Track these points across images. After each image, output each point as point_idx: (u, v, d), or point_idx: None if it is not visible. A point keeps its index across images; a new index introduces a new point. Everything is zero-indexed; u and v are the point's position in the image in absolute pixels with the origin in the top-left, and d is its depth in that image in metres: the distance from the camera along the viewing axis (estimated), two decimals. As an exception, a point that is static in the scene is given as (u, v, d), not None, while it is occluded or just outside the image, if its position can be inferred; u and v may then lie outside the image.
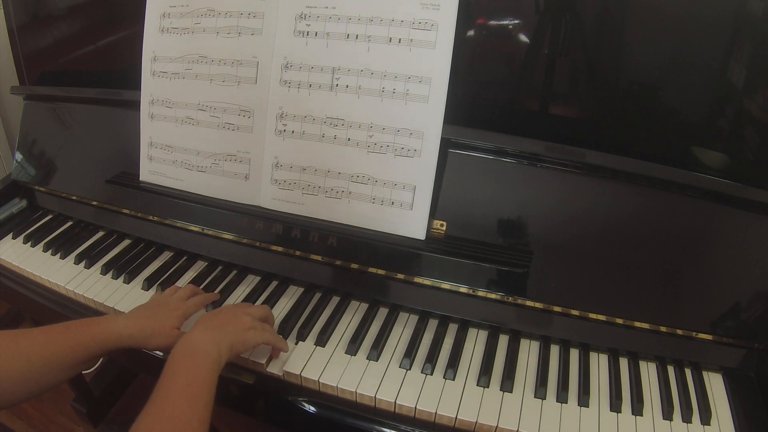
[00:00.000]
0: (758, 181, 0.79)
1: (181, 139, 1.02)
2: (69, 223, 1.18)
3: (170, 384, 0.66)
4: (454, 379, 0.80)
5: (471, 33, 0.88)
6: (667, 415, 0.76)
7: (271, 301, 0.94)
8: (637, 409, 0.77)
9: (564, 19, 0.84)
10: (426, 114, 0.85)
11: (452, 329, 0.89)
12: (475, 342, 0.87)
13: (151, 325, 0.79)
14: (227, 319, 0.78)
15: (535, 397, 0.78)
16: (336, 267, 0.93)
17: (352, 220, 0.92)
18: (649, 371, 0.83)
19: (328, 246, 0.92)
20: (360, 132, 0.89)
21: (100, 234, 1.14)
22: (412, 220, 0.88)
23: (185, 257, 1.06)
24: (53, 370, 0.71)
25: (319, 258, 0.94)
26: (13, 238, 1.14)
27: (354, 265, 0.92)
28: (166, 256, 1.07)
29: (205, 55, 0.97)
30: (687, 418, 0.76)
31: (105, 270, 1.02)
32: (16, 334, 0.71)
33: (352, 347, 0.85)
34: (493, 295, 0.86)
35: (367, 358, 0.84)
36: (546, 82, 0.89)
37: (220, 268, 1.03)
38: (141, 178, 1.07)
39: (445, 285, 0.88)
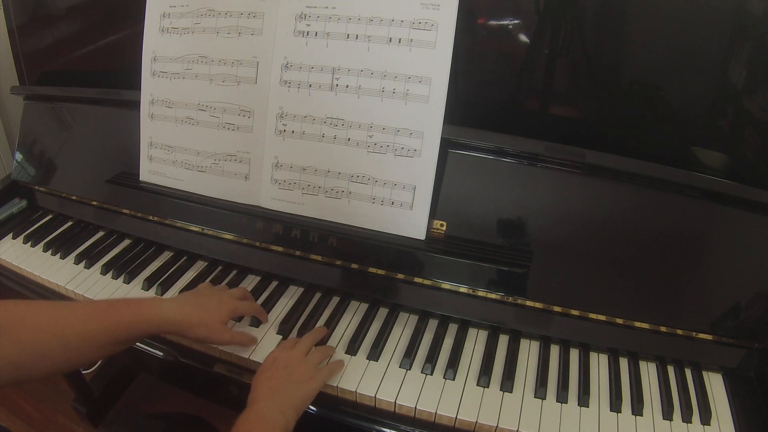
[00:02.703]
0: (758, 181, 0.79)
1: (181, 139, 1.02)
2: (69, 223, 1.18)
3: None
4: (454, 379, 0.80)
5: (471, 33, 0.88)
6: (667, 415, 0.76)
7: (271, 301, 0.94)
8: (637, 409, 0.77)
9: (564, 19, 0.84)
10: (426, 114, 0.85)
11: (452, 329, 0.89)
12: (475, 342, 0.87)
13: (198, 314, 0.77)
14: (286, 374, 0.74)
15: (535, 397, 0.78)
16: (336, 267, 0.93)
17: (352, 220, 0.92)
18: (649, 371, 0.83)
19: (328, 246, 0.92)
20: (360, 132, 0.89)
21: (100, 234, 1.14)
22: (412, 220, 0.88)
23: (185, 257, 1.06)
24: (90, 347, 0.69)
25: (319, 258, 0.94)
26: (13, 238, 1.14)
27: (354, 265, 0.92)
28: (166, 256, 1.07)
29: (205, 55, 0.97)
30: (687, 418, 0.76)
31: (105, 270, 1.02)
32: (54, 306, 0.69)
33: (352, 347, 0.85)
34: (493, 295, 0.86)
35: (367, 358, 0.84)
36: (546, 82, 0.89)
37: (220, 268, 1.03)
38: (141, 178, 1.07)
39: (445, 285, 0.88)
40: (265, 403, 0.70)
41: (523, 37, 0.87)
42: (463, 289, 0.87)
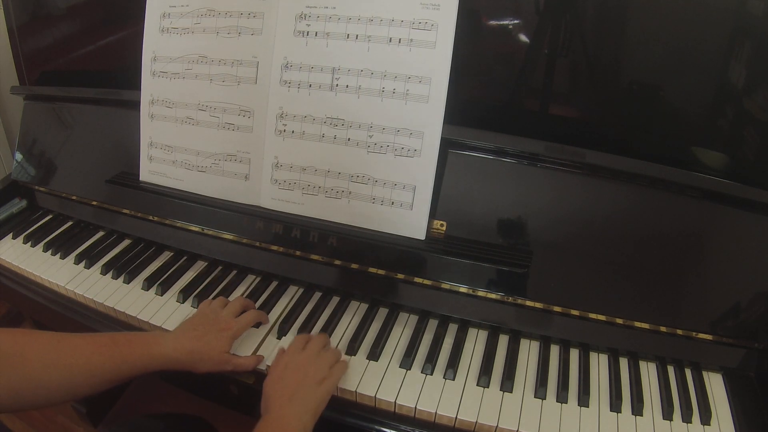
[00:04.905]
0: (758, 181, 0.79)
1: (181, 139, 1.02)
2: (69, 223, 1.18)
3: None
4: (454, 379, 0.80)
5: (471, 33, 0.88)
6: (667, 415, 0.76)
7: (271, 301, 0.95)
8: (637, 409, 0.77)
9: (564, 19, 0.84)
10: (426, 114, 0.85)
11: (452, 329, 0.89)
12: (475, 342, 0.87)
13: (200, 348, 0.78)
14: (301, 376, 0.74)
15: (535, 397, 0.78)
16: (336, 267, 0.93)
17: (352, 220, 0.92)
18: (649, 371, 0.83)
19: (328, 246, 0.92)
20: (360, 132, 0.89)
21: (100, 234, 1.14)
22: (412, 220, 0.88)
23: (185, 257, 1.06)
24: (94, 380, 0.70)
25: (319, 258, 0.94)
26: (13, 238, 1.14)
27: (354, 265, 0.92)
28: (166, 256, 1.07)
29: (205, 55, 0.97)
30: (687, 418, 0.76)
31: (105, 270, 1.02)
32: (59, 339, 0.70)
33: (352, 347, 0.85)
34: (493, 295, 0.86)
35: (367, 358, 0.84)
36: (546, 82, 0.89)
37: (220, 268, 1.03)
38: (141, 178, 1.07)
39: (445, 285, 0.88)
40: (283, 410, 0.70)
41: (523, 37, 0.87)
42: (463, 289, 0.87)
